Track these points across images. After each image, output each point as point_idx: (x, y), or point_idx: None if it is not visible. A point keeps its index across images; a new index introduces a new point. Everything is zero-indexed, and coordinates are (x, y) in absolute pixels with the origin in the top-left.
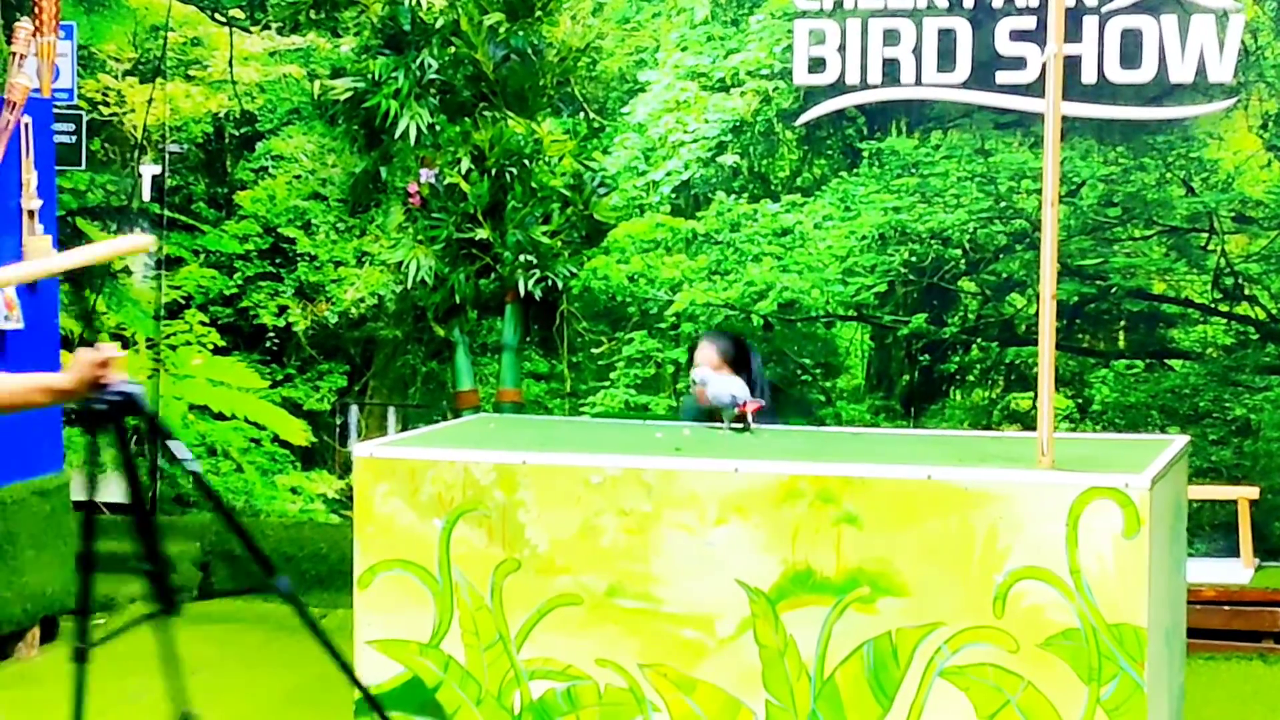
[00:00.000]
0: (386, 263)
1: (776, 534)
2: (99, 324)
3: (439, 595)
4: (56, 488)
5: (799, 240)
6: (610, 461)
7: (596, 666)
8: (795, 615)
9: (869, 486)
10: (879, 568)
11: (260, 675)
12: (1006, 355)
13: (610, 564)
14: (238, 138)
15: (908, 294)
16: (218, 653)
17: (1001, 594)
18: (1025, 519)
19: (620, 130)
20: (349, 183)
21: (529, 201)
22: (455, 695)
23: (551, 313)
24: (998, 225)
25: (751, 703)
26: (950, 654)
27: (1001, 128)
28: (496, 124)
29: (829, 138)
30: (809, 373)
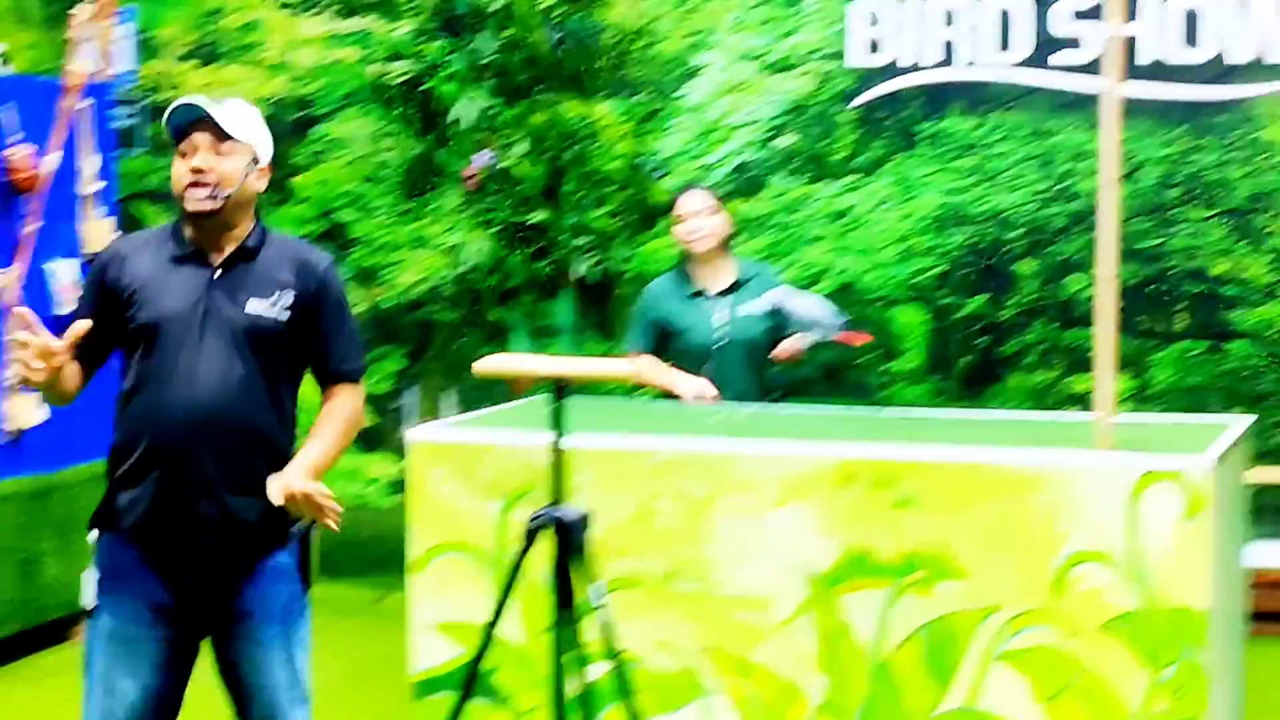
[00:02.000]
0: (443, 246)
1: (834, 517)
2: None
3: (496, 578)
4: None
5: (856, 222)
6: (667, 444)
7: (654, 650)
8: (853, 598)
9: (927, 469)
10: (937, 551)
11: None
12: (1066, 337)
13: (667, 547)
14: (294, 122)
15: (966, 276)
16: None
17: (1060, 577)
18: (1084, 502)
19: (676, 113)
20: (405, 166)
21: (585, 185)
22: (513, 677)
23: (607, 296)
24: (1056, 206)
25: (809, 686)
26: (1008, 637)
27: (1060, 108)
28: (553, 107)
29: (886, 119)
30: (865, 356)
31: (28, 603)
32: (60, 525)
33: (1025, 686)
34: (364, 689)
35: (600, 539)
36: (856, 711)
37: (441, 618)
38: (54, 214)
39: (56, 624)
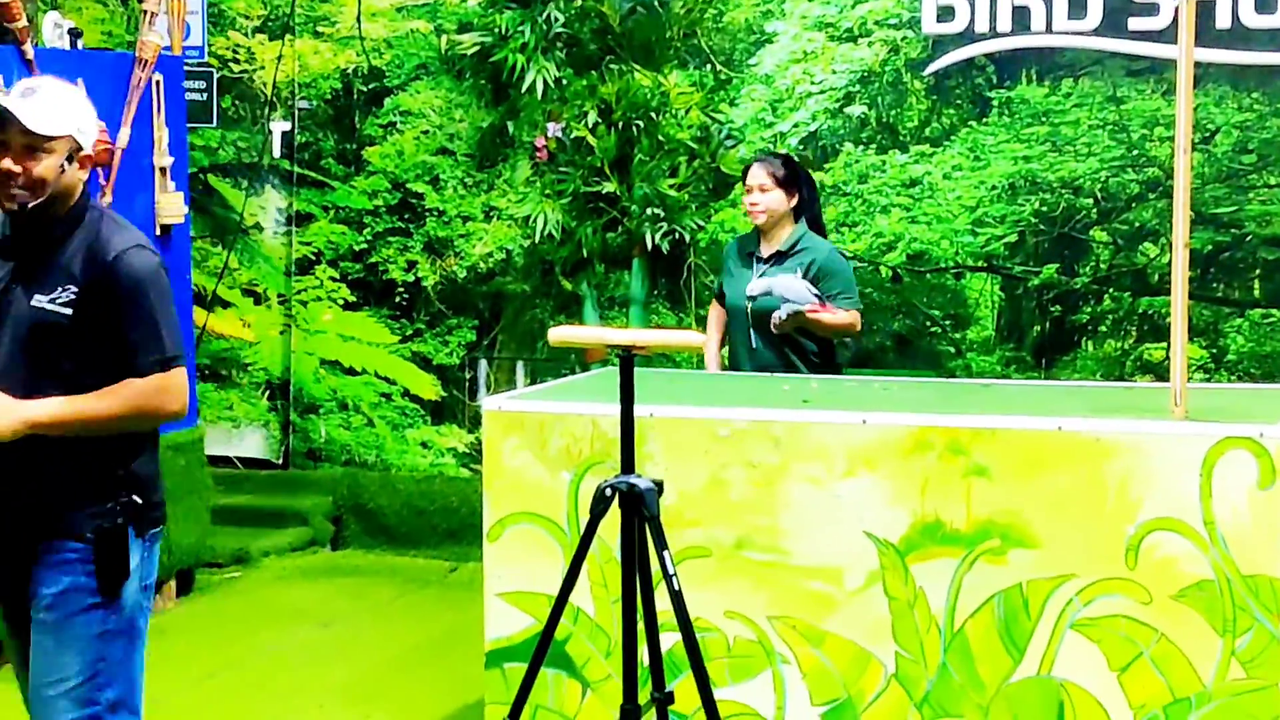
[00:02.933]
0: (514, 217)
1: (905, 486)
2: (231, 280)
3: (568, 548)
4: (191, 442)
5: (928, 191)
6: (738, 414)
7: (725, 619)
8: (925, 567)
9: (999, 437)
10: (1009, 519)
11: (392, 629)
12: (1139, 305)
13: (738, 517)
14: (366, 93)
15: (1038, 244)
16: (350, 606)
17: (1134, 545)
18: (1158, 470)
19: (747, 82)
20: (476, 137)
21: (656, 154)
22: (585, 647)
23: (679, 266)
24: (1130, 174)
25: (881, 654)
26: (1082, 606)
27: (1133, 75)
28: (623, 77)
29: (958, 87)
30: (938, 324)
31: None
32: None
33: (1099, 655)
34: (437, 659)
35: (671, 508)
36: (929, 681)
37: (514, 587)
38: (127, 188)
39: None
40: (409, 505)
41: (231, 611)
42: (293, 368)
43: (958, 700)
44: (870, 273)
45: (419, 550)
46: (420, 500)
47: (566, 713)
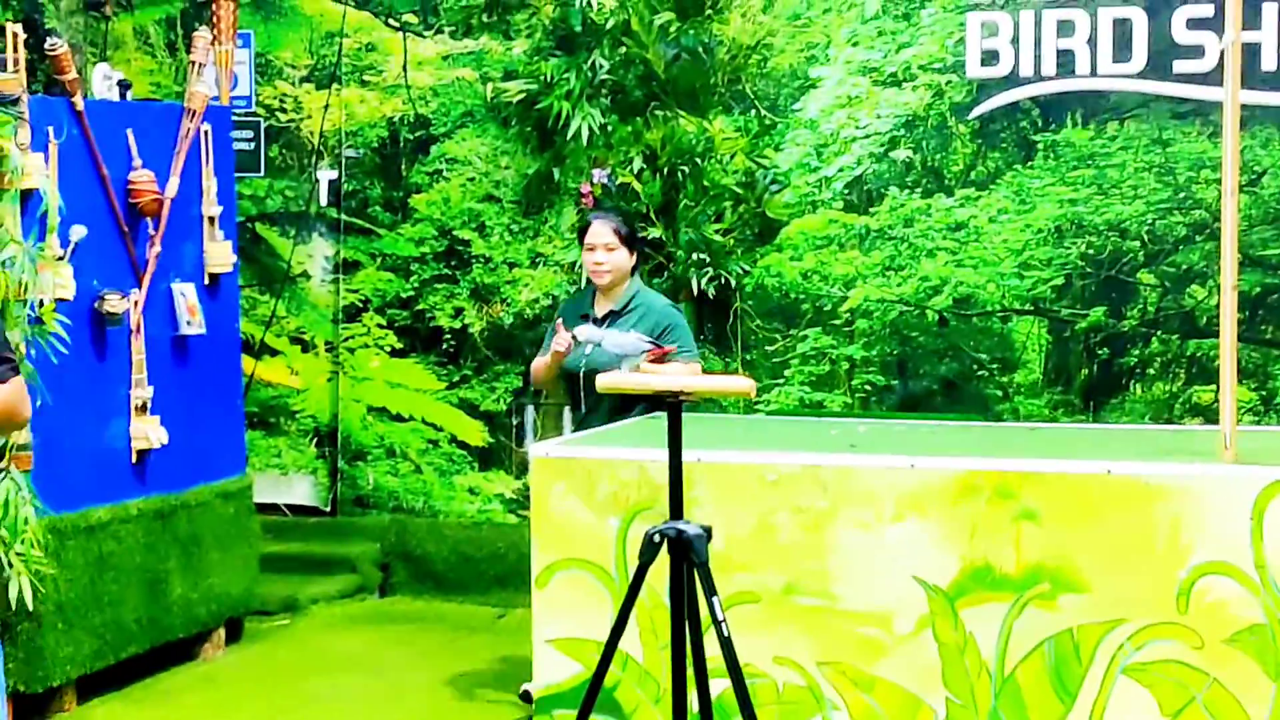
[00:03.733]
0: (560, 263)
1: (954, 530)
2: (279, 328)
3: (616, 594)
4: (239, 490)
5: (974, 234)
6: (785, 459)
7: (775, 665)
8: (974, 612)
9: (1048, 481)
10: (1059, 564)
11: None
12: (1187, 348)
13: (787, 562)
14: (412, 141)
15: (1085, 287)
16: (398, 653)
17: (1185, 590)
18: (1209, 513)
19: (792, 127)
20: (522, 184)
21: (701, 200)
22: (634, 694)
23: (725, 310)
24: (1177, 216)
25: (932, 700)
26: (1133, 651)
27: (1179, 117)
28: (668, 123)
29: (1003, 130)
30: (985, 368)
31: (154, 621)
32: (184, 545)
33: (1151, 701)
34: (486, 705)
35: (719, 554)
36: None
37: (562, 634)
38: (176, 237)
39: (183, 643)
40: (457, 551)
41: (280, 659)
42: (340, 415)
43: None
44: (916, 317)
45: (467, 596)
46: (468, 546)
47: None
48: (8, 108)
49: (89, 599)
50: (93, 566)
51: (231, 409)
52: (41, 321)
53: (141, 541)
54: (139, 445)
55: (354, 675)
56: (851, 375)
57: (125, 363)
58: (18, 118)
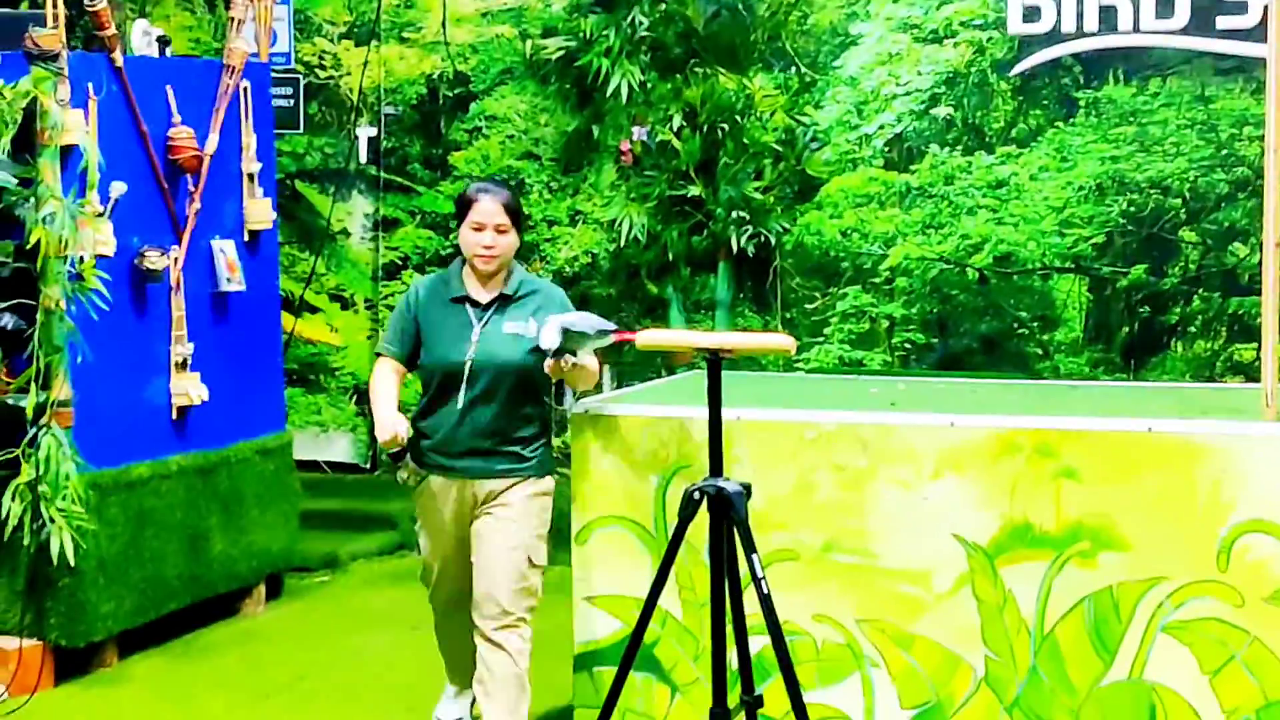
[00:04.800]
0: (599, 221)
1: (994, 488)
2: (319, 285)
3: (656, 551)
4: (279, 447)
5: (1014, 192)
6: (825, 417)
7: (814, 622)
8: (1014, 570)
9: (1088, 439)
10: (1099, 522)
11: None
12: (1229, 306)
13: (826, 520)
14: (451, 99)
15: (1126, 245)
16: None
17: (1226, 548)
18: (1250, 471)
19: (832, 84)
20: (561, 142)
21: (741, 158)
22: (673, 651)
23: (764, 269)
24: (1219, 173)
25: (971, 658)
26: (1173, 609)
27: (1222, 74)
28: (708, 80)
29: (1044, 88)
30: (1025, 326)
31: (195, 577)
32: (225, 501)
33: (1190, 659)
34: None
35: (759, 511)
36: (1019, 684)
37: (602, 591)
38: (215, 194)
39: (224, 598)
40: None
41: (320, 615)
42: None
43: (1048, 704)
44: (957, 274)
45: None
46: None
47: (655, 716)
48: (47, 64)
49: (130, 555)
50: (133, 522)
51: (271, 366)
52: (81, 278)
53: (182, 498)
54: (179, 402)
55: (394, 631)
56: (891, 333)
57: (165, 319)
58: (57, 74)
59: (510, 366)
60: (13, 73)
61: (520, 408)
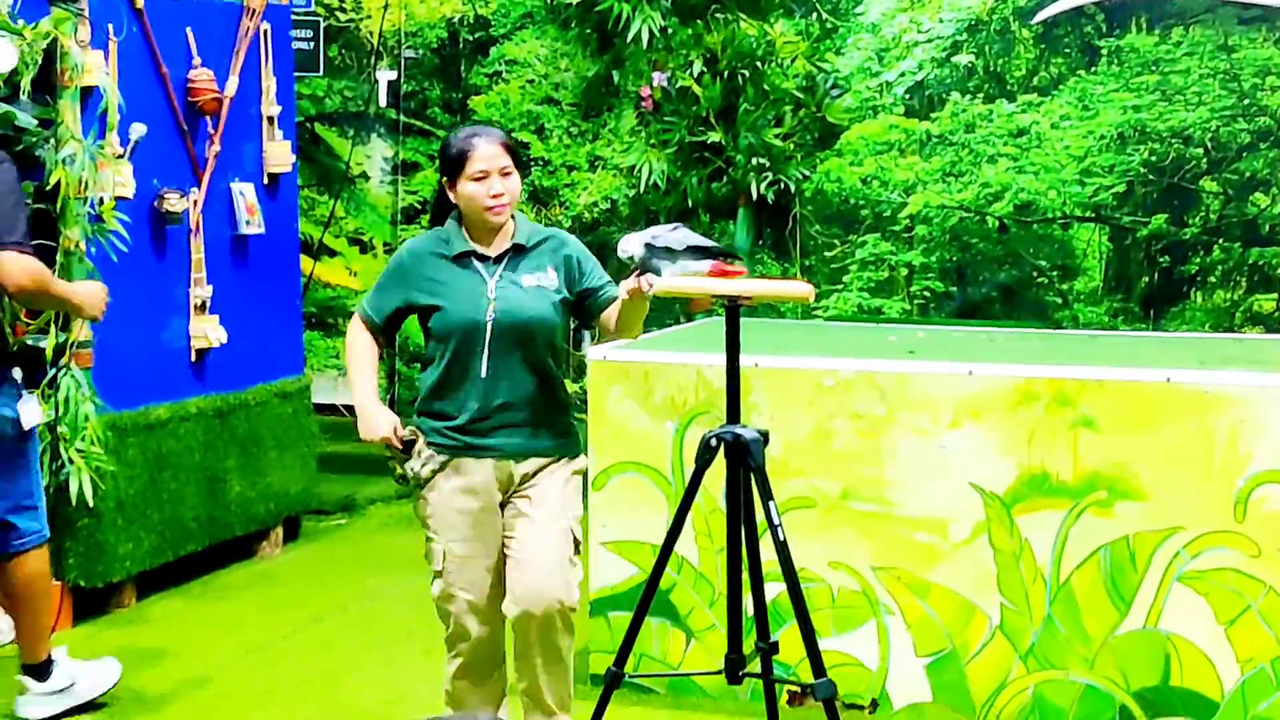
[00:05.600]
0: (619, 167)
1: (1011, 437)
2: (338, 229)
3: (672, 497)
4: (298, 390)
5: (1035, 141)
6: (843, 364)
7: (830, 569)
8: (1030, 519)
9: (1107, 389)
10: (1116, 472)
11: None
12: (1250, 256)
13: (843, 467)
14: (472, 43)
15: (1147, 194)
16: None
17: (1243, 498)
18: (1269, 423)
19: (853, 30)
20: (581, 87)
21: (761, 104)
22: (689, 597)
23: (784, 216)
24: (1241, 123)
25: (986, 606)
26: (1189, 559)
27: (1245, 23)
28: (729, 26)
29: (1067, 35)
30: (1045, 275)
31: (213, 519)
32: (243, 444)
33: (1206, 608)
34: None
35: (776, 458)
36: (1034, 633)
37: (618, 537)
38: (235, 136)
39: (241, 540)
40: None
41: (337, 557)
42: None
43: (1063, 652)
44: (976, 223)
45: None
46: None
47: (670, 661)
48: (67, 4)
49: (148, 496)
50: (152, 464)
51: (290, 309)
52: (101, 220)
53: (200, 440)
54: (198, 344)
55: (410, 574)
56: (910, 281)
57: (184, 262)
58: (77, 14)
59: (536, 322)
60: (33, 13)
61: (549, 373)
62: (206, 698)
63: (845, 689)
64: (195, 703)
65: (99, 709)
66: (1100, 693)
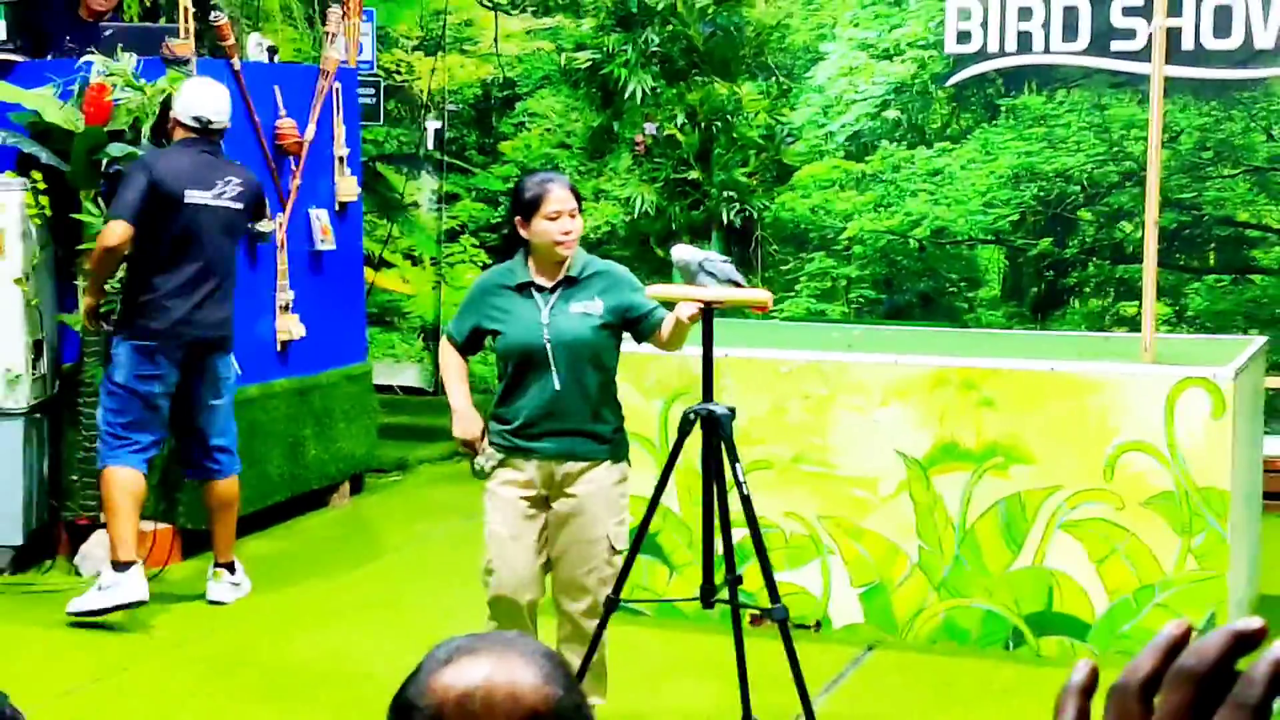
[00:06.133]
0: (618, 198)
1: (928, 414)
2: (394, 246)
3: (659, 460)
4: (361, 374)
5: (948, 179)
6: (796, 355)
7: (784, 518)
8: (943, 479)
9: (1003, 376)
10: (1011, 441)
11: None
12: (1117, 271)
13: (795, 437)
14: (501, 99)
15: (1036, 222)
16: None
17: (1111, 463)
18: (1131, 403)
19: (805, 90)
20: (588, 134)
21: (731, 149)
22: (672, 539)
23: (749, 238)
24: (1111, 166)
25: (907, 547)
26: (1068, 510)
27: (1115, 87)
28: (705, 87)
29: (973, 95)
30: (955, 286)
31: (294, 476)
32: (318, 416)
33: (1081, 550)
34: None
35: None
36: (945, 569)
37: None
38: (313, 172)
39: (316, 493)
40: None
41: (394, 507)
42: (442, 316)
43: (969, 584)
44: (901, 244)
45: None
46: None
47: (657, 590)
48: (180, 67)
49: (243, 457)
50: (245, 432)
51: (355, 309)
52: None
53: (284, 413)
54: (282, 337)
55: (453, 520)
56: (849, 290)
57: (272, 271)
58: (187, 75)
59: (580, 343)
60: (152, 74)
61: (596, 390)
62: (289, 617)
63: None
64: (280, 619)
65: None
66: (998, 616)
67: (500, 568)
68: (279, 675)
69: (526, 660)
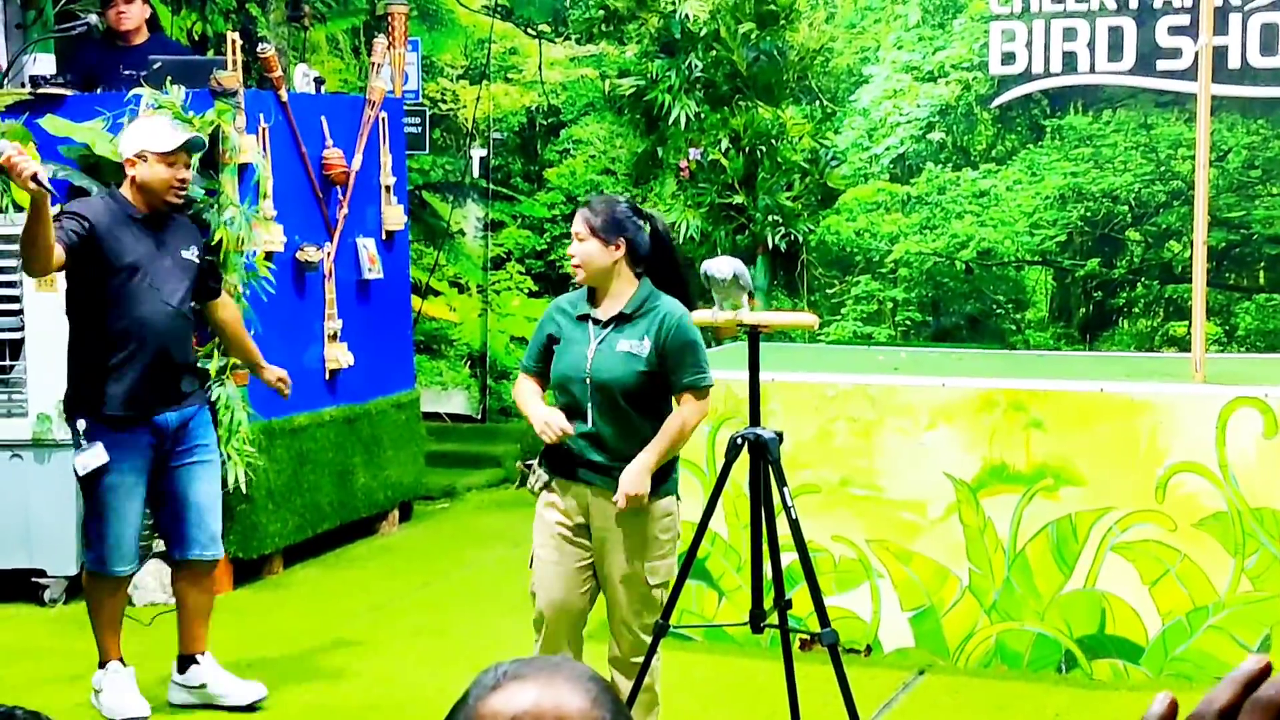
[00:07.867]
0: None
1: (977, 436)
2: (440, 274)
3: (707, 485)
4: (409, 401)
5: (994, 200)
6: (842, 379)
7: (833, 541)
8: (992, 501)
9: (1052, 397)
10: (1060, 463)
11: None
12: (1166, 291)
13: (842, 461)
14: (545, 126)
15: (1083, 242)
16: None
17: (1162, 484)
18: (1182, 423)
19: (849, 114)
20: (633, 160)
21: (775, 173)
22: (721, 564)
23: (794, 261)
24: (1158, 186)
25: (957, 570)
26: (1120, 532)
27: (1161, 106)
28: (749, 111)
29: (1018, 117)
30: (1002, 308)
31: (343, 504)
32: (366, 444)
33: (1133, 572)
34: None
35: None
36: (996, 592)
37: None
38: (360, 201)
39: (365, 520)
40: None
41: (442, 534)
42: (489, 343)
43: (1020, 608)
44: (947, 266)
45: None
46: None
47: (706, 615)
48: (228, 99)
49: (292, 486)
50: (295, 460)
51: (403, 337)
52: (254, 268)
53: (333, 441)
54: (331, 365)
55: (501, 547)
56: (895, 313)
57: (320, 300)
58: (236, 107)
59: (618, 384)
60: (201, 105)
61: (638, 427)
62: (338, 644)
63: (845, 637)
64: (329, 647)
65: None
66: (1049, 639)
67: (540, 591)
68: (329, 702)
69: (574, 685)
